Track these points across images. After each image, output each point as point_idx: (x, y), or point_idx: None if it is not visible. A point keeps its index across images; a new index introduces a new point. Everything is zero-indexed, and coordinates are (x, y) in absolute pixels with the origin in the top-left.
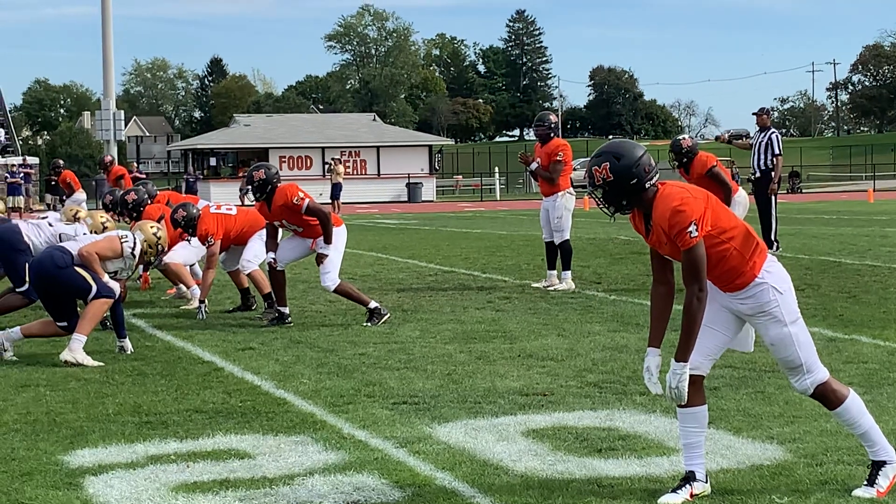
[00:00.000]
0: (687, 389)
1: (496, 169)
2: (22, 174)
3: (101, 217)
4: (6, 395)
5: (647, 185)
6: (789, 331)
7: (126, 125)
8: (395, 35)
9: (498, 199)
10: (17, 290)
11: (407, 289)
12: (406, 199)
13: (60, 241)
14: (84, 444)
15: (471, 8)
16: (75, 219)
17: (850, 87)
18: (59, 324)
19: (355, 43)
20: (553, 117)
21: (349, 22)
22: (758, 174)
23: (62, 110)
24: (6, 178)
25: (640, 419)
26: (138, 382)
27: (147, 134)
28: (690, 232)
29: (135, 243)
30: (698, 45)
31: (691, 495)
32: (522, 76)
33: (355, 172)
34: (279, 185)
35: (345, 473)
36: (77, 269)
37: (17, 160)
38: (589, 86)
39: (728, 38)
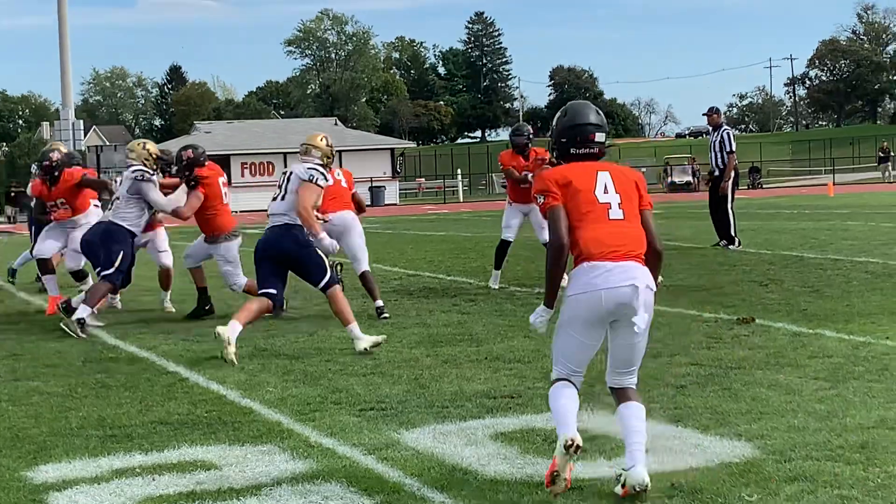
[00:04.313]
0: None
1: (458, 171)
2: None
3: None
4: None
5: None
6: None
7: (86, 135)
8: (354, 39)
9: (461, 200)
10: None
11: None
12: (369, 203)
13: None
14: (48, 460)
15: (430, 10)
16: None
17: (808, 82)
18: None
19: (315, 48)
20: (530, 127)
21: (308, 27)
22: (716, 172)
23: (20, 121)
24: None
25: (608, 420)
26: (102, 395)
27: (107, 143)
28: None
29: None
30: (657, 44)
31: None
32: (483, 77)
33: None
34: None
35: (312, 482)
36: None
37: None
38: (549, 86)
39: (686, 36)
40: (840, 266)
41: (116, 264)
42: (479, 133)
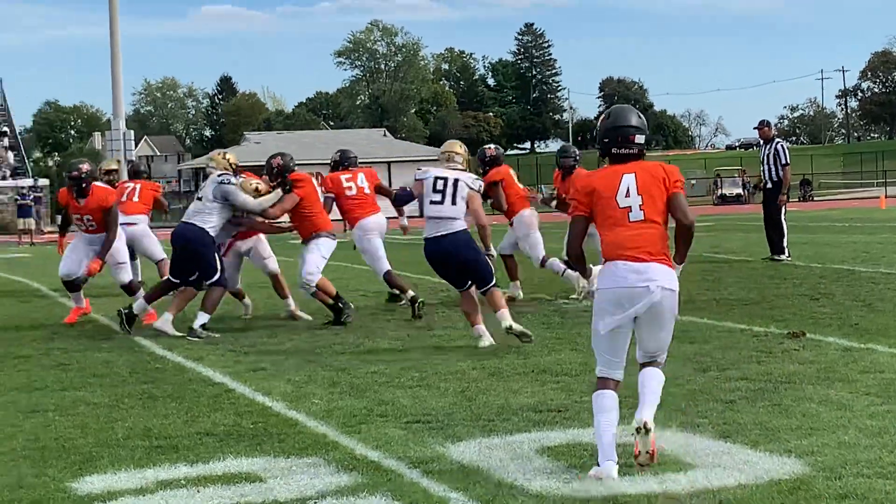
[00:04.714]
0: None
1: None
2: (32, 196)
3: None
4: (15, 420)
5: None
6: None
7: (136, 145)
8: (404, 50)
9: None
10: (211, 281)
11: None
12: (419, 214)
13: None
14: (93, 471)
15: (479, 22)
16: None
17: (860, 94)
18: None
19: (365, 59)
20: (576, 149)
21: (358, 38)
22: (769, 185)
23: (73, 131)
24: (17, 200)
25: (656, 435)
26: (148, 406)
27: (158, 153)
28: None
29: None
30: (708, 55)
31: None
32: (532, 89)
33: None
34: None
35: (358, 495)
36: None
37: (28, 182)
38: (599, 97)
39: (737, 48)
40: (893, 280)
41: (218, 267)
42: (528, 144)
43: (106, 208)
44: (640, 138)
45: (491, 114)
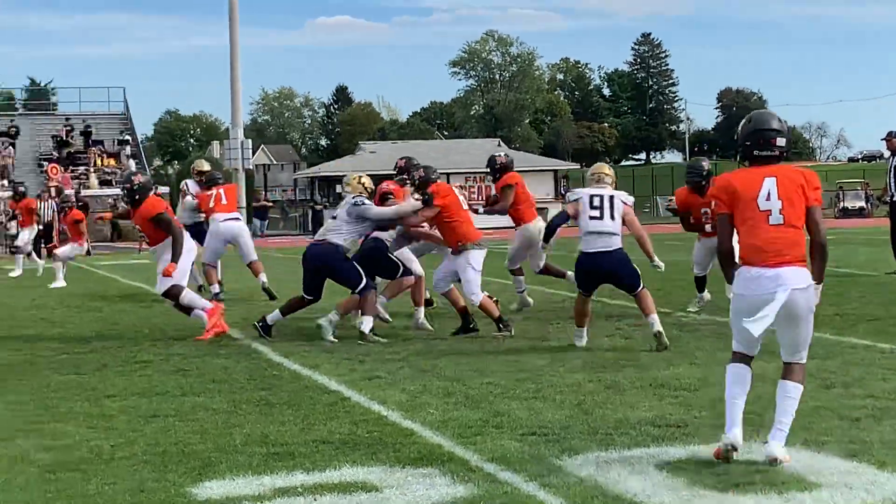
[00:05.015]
0: None
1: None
2: None
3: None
4: (135, 425)
5: None
6: None
7: (254, 154)
8: (519, 60)
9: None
10: (360, 288)
11: (534, 316)
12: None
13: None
14: (212, 476)
15: (595, 32)
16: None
17: None
18: None
19: (479, 68)
20: (706, 164)
21: (473, 48)
22: (895, 197)
23: (192, 140)
24: None
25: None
26: (265, 412)
27: (274, 162)
28: None
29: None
30: (829, 65)
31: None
32: (648, 99)
33: (480, 198)
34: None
35: None
36: None
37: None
38: (717, 108)
39: (860, 58)
40: None
41: (362, 273)
42: (643, 155)
43: (152, 217)
44: (780, 141)
45: (606, 124)
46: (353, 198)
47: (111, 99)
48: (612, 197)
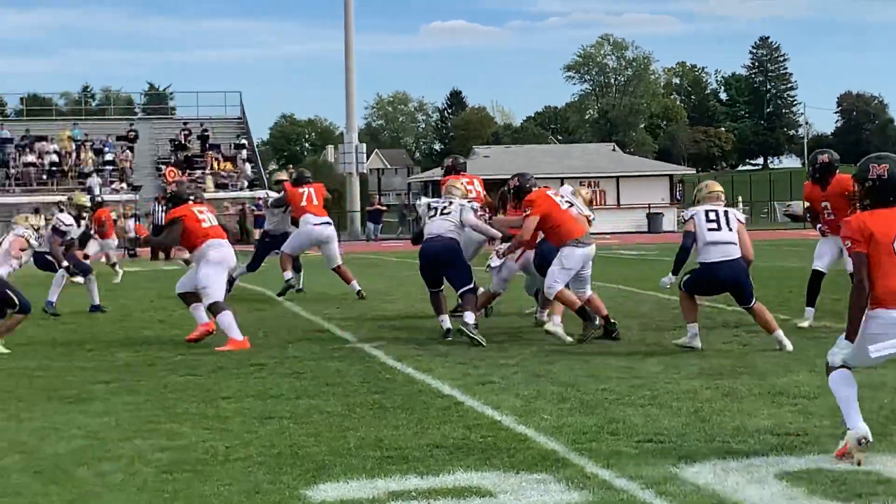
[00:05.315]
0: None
1: (739, 198)
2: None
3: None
4: (251, 427)
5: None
6: None
7: (368, 158)
8: (634, 64)
9: None
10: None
11: (649, 322)
12: (647, 230)
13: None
14: (326, 479)
15: (712, 35)
16: None
17: None
18: None
19: (594, 73)
20: (830, 154)
21: (588, 52)
22: None
23: (307, 144)
24: (253, 210)
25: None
26: (379, 416)
27: (388, 166)
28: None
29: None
30: None
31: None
32: (766, 103)
33: (595, 203)
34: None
35: None
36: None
37: (263, 194)
38: (836, 112)
39: None
40: None
41: (472, 275)
42: (760, 160)
43: (168, 221)
44: None
45: (722, 129)
46: (470, 203)
47: (228, 103)
48: (726, 212)
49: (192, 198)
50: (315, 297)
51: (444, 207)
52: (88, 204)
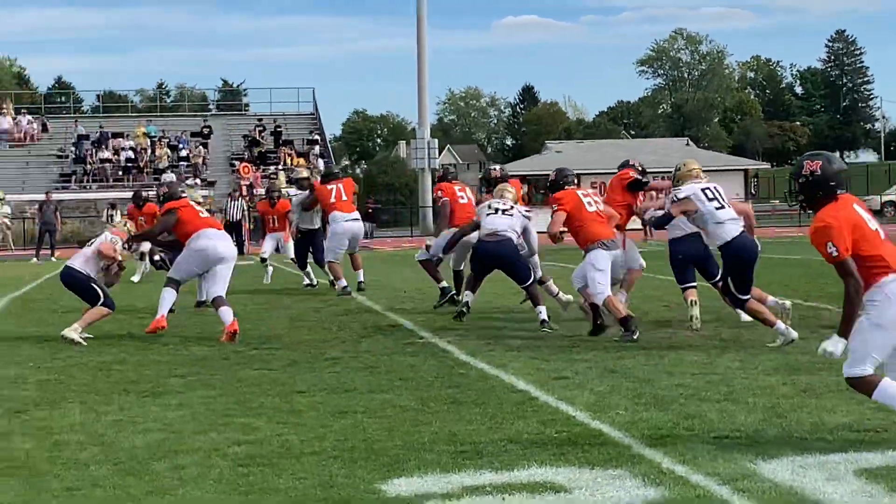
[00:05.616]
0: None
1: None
2: None
3: None
4: (325, 421)
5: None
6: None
7: (440, 153)
8: (708, 58)
9: None
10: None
11: (725, 318)
12: None
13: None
14: (401, 473)
15: (787, 29)
16: None
17: None
18: None
19: (668, 67)
20: None
21: (662, 46)
22: None
23: (379, 140)
24: None
25: None
26: (453, 410)
27: (460, 162)
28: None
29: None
30: None
31: None
32: (842, 97)
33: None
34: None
35: None
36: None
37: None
38: None
39: None
40: None
41: (531, 269)
42: (837, 155)
43: (164, 211)
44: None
45: (798, 123)
46: (526, 211)
47: (301, 99)
48: (716, 187)
49: (183, 196)
50: (387, 293)
51: (507, 210)
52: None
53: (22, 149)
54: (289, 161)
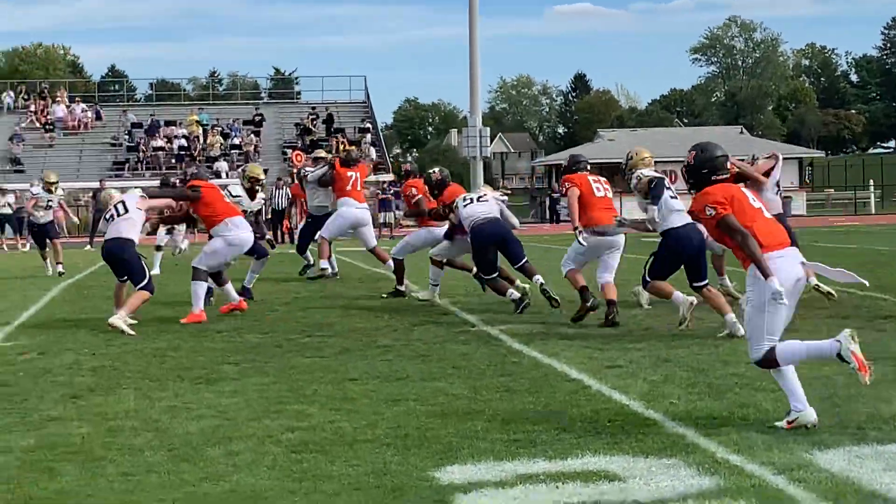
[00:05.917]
0: None
1: (871, 182)
2: (393, 191)
3: None
4: (378, 408)
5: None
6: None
7: (491, 142)
8: (762, 46)
9: (873, 212)
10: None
11: None
12: (775, 213)
13: None
14: (454, 461)
15: (842, 17)
16: None
17: None
18: None
19: (721, 55)
20: None
21: (715, 34)
22: None
23: (430, 128)
24: (378, 194)
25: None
26: (506, 399)
27: (512, 150)
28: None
29: None
30: None
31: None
32: None
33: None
34: None
35: (720, 500)
36: None
37: (389, 178)
38: None
39: None
40: None
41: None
42: (892, 143)
43: (189, 186)
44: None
45: (853, 111)
46: (500, 196)
47: (352, 87)
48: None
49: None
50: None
51: (481, 197)
52: (262, 177)
53: (76, 137)
54: (340, 149)
